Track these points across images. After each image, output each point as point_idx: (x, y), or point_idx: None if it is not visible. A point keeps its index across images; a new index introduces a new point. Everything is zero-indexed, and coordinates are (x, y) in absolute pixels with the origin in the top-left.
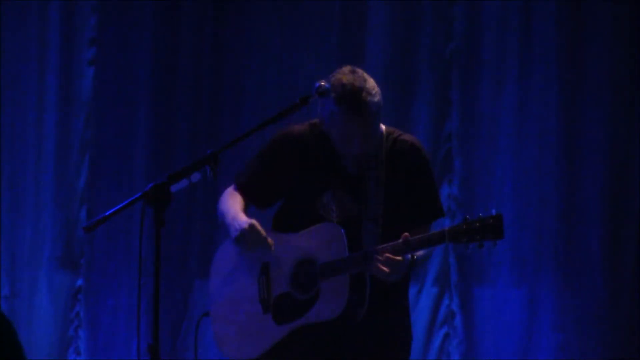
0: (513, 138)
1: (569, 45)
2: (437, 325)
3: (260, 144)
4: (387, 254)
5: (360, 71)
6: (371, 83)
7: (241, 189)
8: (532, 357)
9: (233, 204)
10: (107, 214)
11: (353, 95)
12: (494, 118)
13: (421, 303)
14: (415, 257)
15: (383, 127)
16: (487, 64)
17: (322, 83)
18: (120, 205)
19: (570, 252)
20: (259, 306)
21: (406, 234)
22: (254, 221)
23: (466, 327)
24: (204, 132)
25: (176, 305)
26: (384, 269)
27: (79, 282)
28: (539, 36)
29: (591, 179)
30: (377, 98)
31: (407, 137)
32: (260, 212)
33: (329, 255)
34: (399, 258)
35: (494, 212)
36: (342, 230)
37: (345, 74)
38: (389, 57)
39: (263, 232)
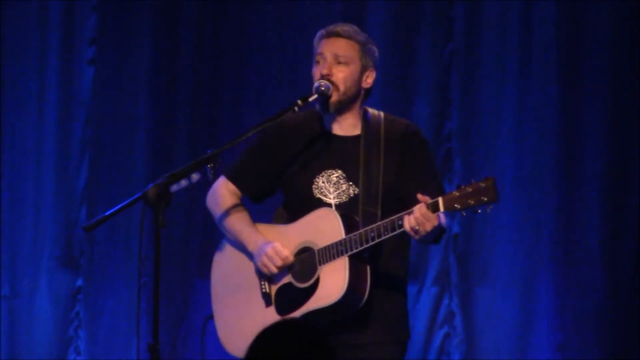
0: (513, 138)
1: (569, 45)
2: (437, 325)
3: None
4: (418, 213)
5: None
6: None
7: (235, 182)
8: (531, 357)
9: (241, 218)
10: (107, 214)
11: (333, 24)
12: (494, 118)
13: (421, 303)
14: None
15: (382, 113)
16: (487, 64)
17: (322, 83)
18: (120, 205)
19: (570, 251)
20: (261, 301)
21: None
22: (275, 244)
23: (466, 327)
24: (204, 131)
25: (176, 305)
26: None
27: (79, 282)
28: (539, 36)
29: (591, 179)
30: (361, 35)
31: (404, 120)
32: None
33: (326, 239)
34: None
35: (486, 175)
36: (336, 213)
37: None
38: (389, 57)
39: (285, 252)
